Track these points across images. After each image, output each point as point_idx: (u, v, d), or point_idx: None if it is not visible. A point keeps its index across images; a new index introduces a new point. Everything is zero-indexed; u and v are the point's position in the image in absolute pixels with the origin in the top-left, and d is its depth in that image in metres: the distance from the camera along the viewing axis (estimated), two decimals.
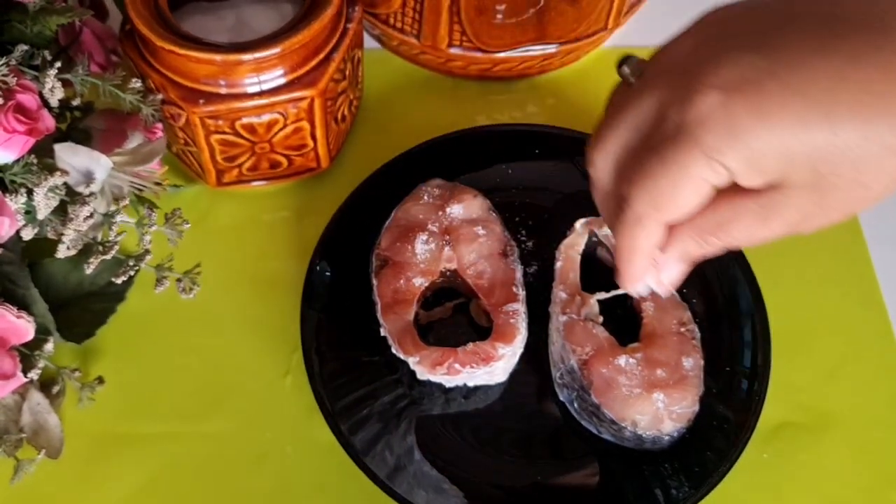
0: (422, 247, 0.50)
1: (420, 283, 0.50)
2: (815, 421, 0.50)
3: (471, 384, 0.49)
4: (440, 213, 0.52)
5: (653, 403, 0.46)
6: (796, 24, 0.32)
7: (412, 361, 0.47)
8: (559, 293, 0.50)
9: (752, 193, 0.34)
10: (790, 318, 0.52)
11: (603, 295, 0.50)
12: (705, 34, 0.34)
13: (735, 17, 0.34)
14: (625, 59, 0.37)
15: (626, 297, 0.51)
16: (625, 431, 0.46)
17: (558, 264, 0.52)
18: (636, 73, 0.36)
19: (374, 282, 0.50)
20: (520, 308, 0.49)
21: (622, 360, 0.47)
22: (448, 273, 0.51)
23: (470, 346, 0.47)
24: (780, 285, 0.53)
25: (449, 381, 0.48)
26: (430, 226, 0.51)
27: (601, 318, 0.50)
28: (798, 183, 0.32)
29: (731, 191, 0.35)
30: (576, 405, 0.48)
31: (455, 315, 0.52)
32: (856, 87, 0.31)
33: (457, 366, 0.47)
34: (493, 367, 0.47)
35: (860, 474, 0.49)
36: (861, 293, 0.55)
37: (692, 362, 0.48)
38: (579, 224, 0.52)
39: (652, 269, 0.38)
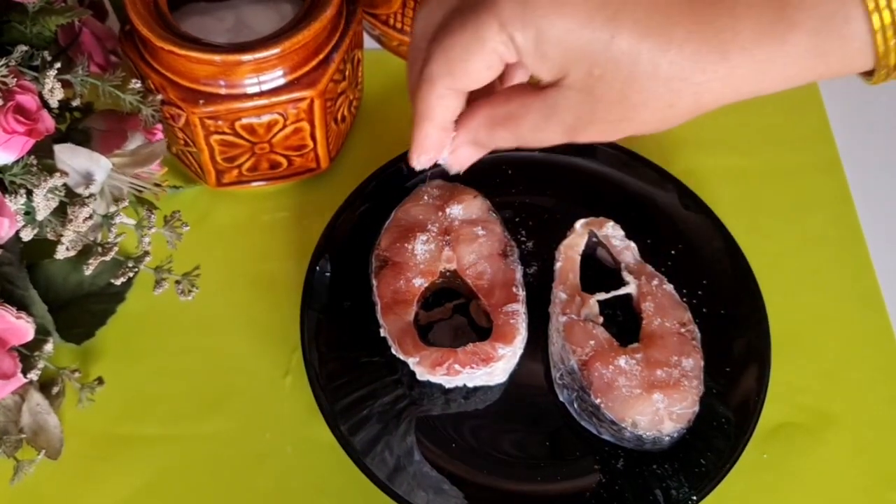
0: (421, 247, 0.50)
1: (420, 283, 0.50)
2: (815, 421, 0.50)
3: (470, 385, 0.49)
4: (440, 213, 0.52)
5: (653, 404, 0.46)
6: None
7: (412, 362, 0.47)
8: (559, 294, 0.50)
9: (540, 91, 0.36)
10: (790, 318, 0.52)
11: (603, 295, 0.50)
12: None
13: None
14: None
15: (626, 298, 0.51)
16: (625, 432, 0.46)
17: (558, 265, 0.52)
18: None
19: (374, 282, 0.50)
20: (519, 308, 0.49)
21: (622, 361, 0.47)
22: (448, 273, 0.51)
23: (470, 346, 0.47)
24: (780, 285, 0.53)
25: (449, 382, 0.48)
26: (429, 226, 0.51)
27: (601, 319, 0.50)
28: (574, 83, 0.34)
29: (525, 87, 0.37)
30: (576, 406, 0.48)
31: (455, 315, 0.52)
32: (647, 2, 0.32)
33: (456, 366, 0.47)
34: (492, 367, 0.47)
35: (860, 474, 0.49)
36: (861, 293, 0.55)
37: (692, 363, 0.48)
38: (579, 224, 0.52)
39: (444, 145, 0.40)
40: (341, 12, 0.52)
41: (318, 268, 0.52)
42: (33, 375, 0.47)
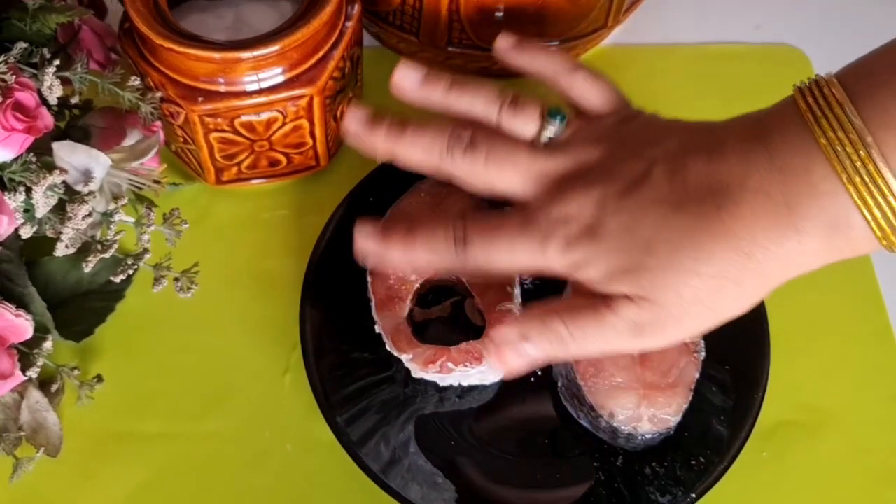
0: None
1: (414, 280, 0.50)
2: (814, 419, 0.50)
3: (465, 384, 0.49)
4: (437, 211, 0.51)
5: (636, 401, 0.46)
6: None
7: (405, 359, 0.47)
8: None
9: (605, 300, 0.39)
10: (790, 318, 0.52)
11: None
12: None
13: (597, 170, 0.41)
14: (558, 115, 0.43)
15: None
16: (601, 420, 0.46)
17: None
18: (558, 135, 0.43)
19: (369, 279, 0.50)
20: (513, 308, 0.49)
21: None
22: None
23: (463, 345, 0.47)
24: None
25: (443, 380, 0.48)
26: None
27: None
28: (633, 295, 0.38)
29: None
30: (561, 386, 0.48)
31: (451, 313, 0.52)
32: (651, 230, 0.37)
33: (450, 364, 0.47)
34: (486, 367, 0.47)
35: (858, 473, 0.49)
36: (861, 293, 0.55)
37: (688, 374, 0.47)
38: None
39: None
40: (341, 10, 0.52)
41: (317, 266, 0.52)
42: (32, 373, 0.47)
